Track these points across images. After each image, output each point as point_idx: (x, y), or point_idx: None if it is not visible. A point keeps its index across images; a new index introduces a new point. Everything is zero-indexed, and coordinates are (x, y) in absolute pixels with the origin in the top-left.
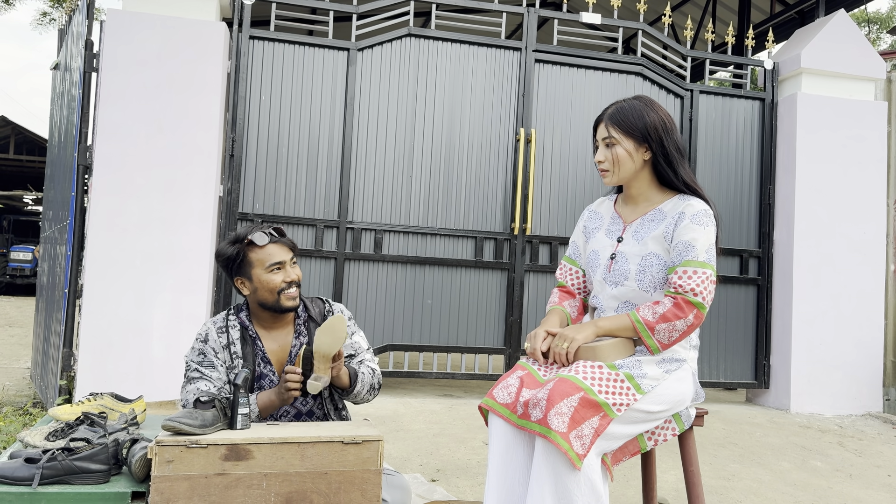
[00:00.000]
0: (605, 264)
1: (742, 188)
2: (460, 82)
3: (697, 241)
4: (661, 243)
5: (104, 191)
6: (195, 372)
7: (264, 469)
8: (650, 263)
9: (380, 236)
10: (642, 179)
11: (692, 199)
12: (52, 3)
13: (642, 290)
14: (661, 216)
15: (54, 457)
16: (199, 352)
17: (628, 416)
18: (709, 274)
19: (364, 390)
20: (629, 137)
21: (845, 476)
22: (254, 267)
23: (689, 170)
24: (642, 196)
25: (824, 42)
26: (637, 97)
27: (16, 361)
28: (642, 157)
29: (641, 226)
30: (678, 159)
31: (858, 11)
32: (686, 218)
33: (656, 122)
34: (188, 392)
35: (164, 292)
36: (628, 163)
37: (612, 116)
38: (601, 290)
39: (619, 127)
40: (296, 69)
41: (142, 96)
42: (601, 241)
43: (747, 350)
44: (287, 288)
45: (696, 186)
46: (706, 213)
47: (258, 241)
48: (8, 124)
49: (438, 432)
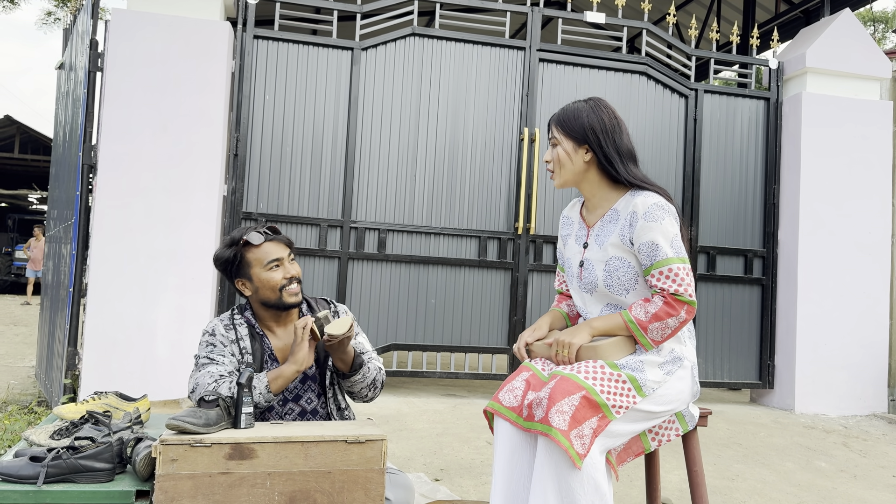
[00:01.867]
0: (577, 272)
1: (746, 188)
2: (464, 82)
3: (658, 239)
4: (620, 247)
5: (109, 190)
6: (205, 358)
7: (268, 468)
8: (615, 267)
9: (383, 236)
10: (591, 181)
11: (641, 193)
12: (57, 2)
13: (614, 294)
14: (616, 216)
15: (59, 455)
16: (208, 343)
17: (629, 416)
18: (683, 267)
19: (367, 381)
20: (568, 138)
21: (850, 477)
22: (252, 266)
23: (635, 171)
24: (597, 197)
25: (829, 41)
26: (587, 99)
27: (21, 360)
28: (582, 158)
29: (602, 229)
30: (618, 161)
31: (864, 10)
32: (639, 217)
33: (594, 123)
34: (201, 375)
35: (169, 291)
36: (568, 164)
37: (557, 117)
38: (580, 298)
39: (560, 127)
40: (300, 68)
41: (146, 96)
42: (571, 249)
43: (751, 350)
44: (288, 284)
45: (644, 182)
46: (657, 206)
47: (253, 240)
48: (13, 123)
49: (442, 432)
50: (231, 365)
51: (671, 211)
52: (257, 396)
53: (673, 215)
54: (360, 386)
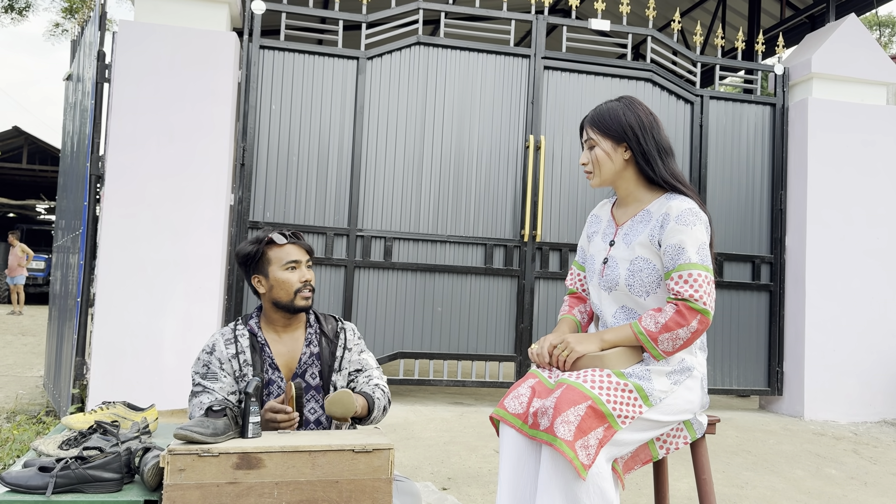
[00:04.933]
0: (599, 269)
1: (753, 194)
2: (469, 90)
3: (686, 243)
4: (648, 247)
5: (116, 200)
6: (198, 386)
7: (275, 478)
8: (639, 268)
9: (389, 244)
10: (627, 179)
11: (677, 197)
12: (64, 14)
13: (634, 294)
14: (648, 217)
15: (68, 465)
16: (204, 363)
17: (636, 425)
18: (705, 275)
19: (380, 414)
20: (607, 138)
21: (860, 484)
22: (271, 264)
23: (672, 167)
24: (631, 196)
25: (835, 46)
26: (619, 98)
27: (29, 370)
28: (622, 157)
29: (631, 228)
30: (657, 157)
31: (870, 15)
32: (671, 220)
33: (632, 120)
34: (193, 406)
35: (176, 301)
36: (608, 163)
37: (592, 118)
38: (597, 295)
39: (597, 128)
40: (306, 78)
41: (153, 106)
42: (597, 246)
43: (760, 357)
44: (303, 288)
45: (679, 183)
46: (691, 212)
47: (277, 239)
48: (21, 134)
49: (449, 440)
50: (224, 389)
51: (703, 219)
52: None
53: (705, 224)
54: (376, 422)
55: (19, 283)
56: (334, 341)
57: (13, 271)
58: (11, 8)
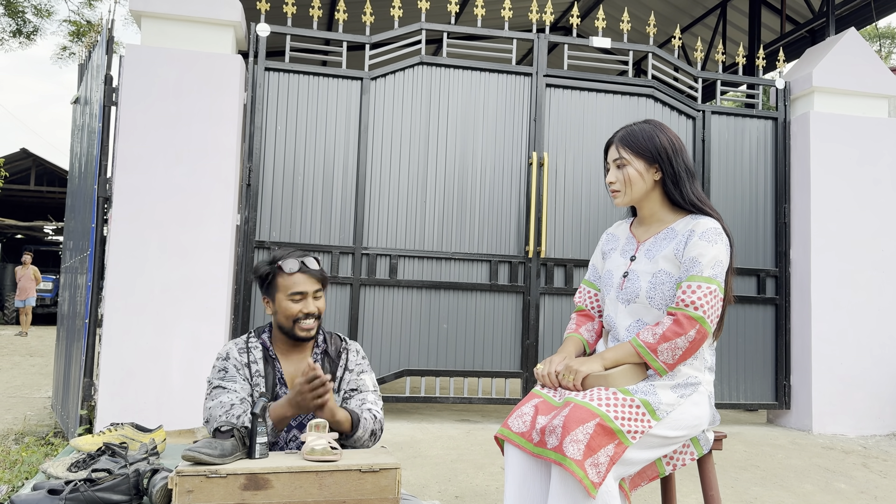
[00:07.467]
0: (618, 282)
1: (757, 207)
2: (472, 108)
3: (703, 257)
4: (671, 261)
5: (124, 221)
6: (217, 388)
7: (283, 498)
8: (661, 281)
9: (395, 261)
10: (653, 200)
11: (703, 217)
12: (72, 38)
13: (653, 307)
14: (673, 234)
15: (77, 488)
16: (221, 368)
17: (645, 442)
18: (712, 288)
19: (365, 435)
20: (640, 158)
21: (870, 498)
22: (278, 291)
23: (698, 189)
24: (654, 216)
25: (836, 60)
26: (647, 121)
27: (37, 391)
28: (653, 178)
29: (654, 244)
30: (686, 180)
31: (870, 27)
32: (695, 235)
33: (665, 143)
34: (212, 407)
35: (183, 321)
36: (639, 182)
37: (623, 139)
38: (613, 309)
39: (629, 148)
40: (310, 99)
41: (160, 128)
42: (616, 261)
43: (767, 370)
44: (303, 319)
45: (705, 206)
46: (715, 231)
47: (286, 268)
48: (29, 156)
49: (456, 458)
50: (244, 390)
51: (726, 241)
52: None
53: (727, 245)
54: (360, 443)
55: (30, 304)
56: (336, 361)
57: (25, 293)
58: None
